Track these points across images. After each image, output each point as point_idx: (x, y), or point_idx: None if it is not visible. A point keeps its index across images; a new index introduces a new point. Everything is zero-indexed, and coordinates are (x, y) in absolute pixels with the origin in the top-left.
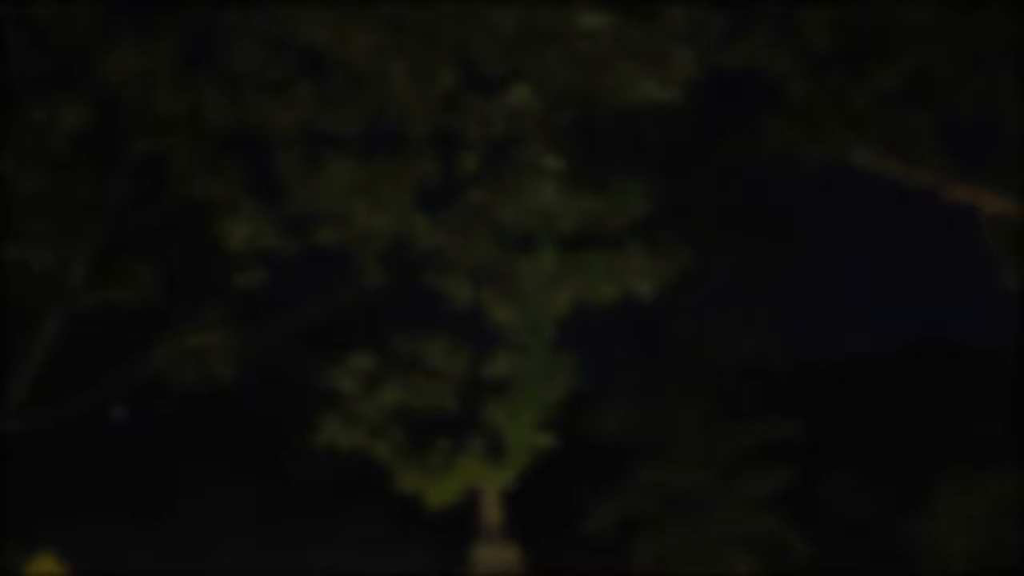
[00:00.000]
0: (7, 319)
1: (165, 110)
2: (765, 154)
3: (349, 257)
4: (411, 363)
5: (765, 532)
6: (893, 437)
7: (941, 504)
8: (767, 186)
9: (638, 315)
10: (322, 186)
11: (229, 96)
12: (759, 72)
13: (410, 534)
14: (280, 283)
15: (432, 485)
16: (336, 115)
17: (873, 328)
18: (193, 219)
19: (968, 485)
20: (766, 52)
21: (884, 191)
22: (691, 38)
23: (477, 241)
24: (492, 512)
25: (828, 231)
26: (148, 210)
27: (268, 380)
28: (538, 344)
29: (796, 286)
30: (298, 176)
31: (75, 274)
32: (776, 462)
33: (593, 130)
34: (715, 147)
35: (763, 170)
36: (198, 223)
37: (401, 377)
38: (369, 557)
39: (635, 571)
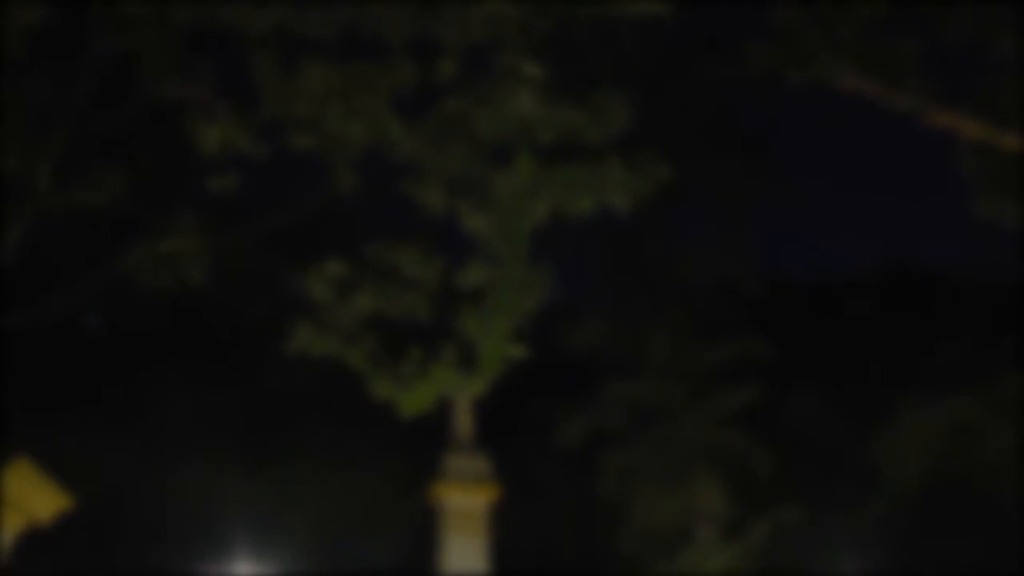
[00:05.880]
0: None
1: (132, 7)
2: (747, 75)
3: (323, 163)
4: (385, 271)
5: (730, 448)
6: (860, 359)
7: (901, 425)
8: (745, 107)
9: (614, 231)
10: (297, 91)
11: None
12: None
13: (383, 443)
14: (253, 188)
15: (405, 394)
16: (312, 18)
17: (846, 251)
18: (164, 122)
19: (928, 407)
20: None
21: (863, 115)
22: None
23: (453, 150)
24: (464, 422)
25: (805, 154)
26: (116, 112)
27: (242, 286)
28: (513, 255)
29: (772, 207)
30: (272, 80)
31: (41, 178)
32: (744, 381)
33: (574, 42)
34: (697, 66)
35: (742, 91)
36: (169, 126)
37: (375, 285)
38: (342, 466)
39: (602, 483)
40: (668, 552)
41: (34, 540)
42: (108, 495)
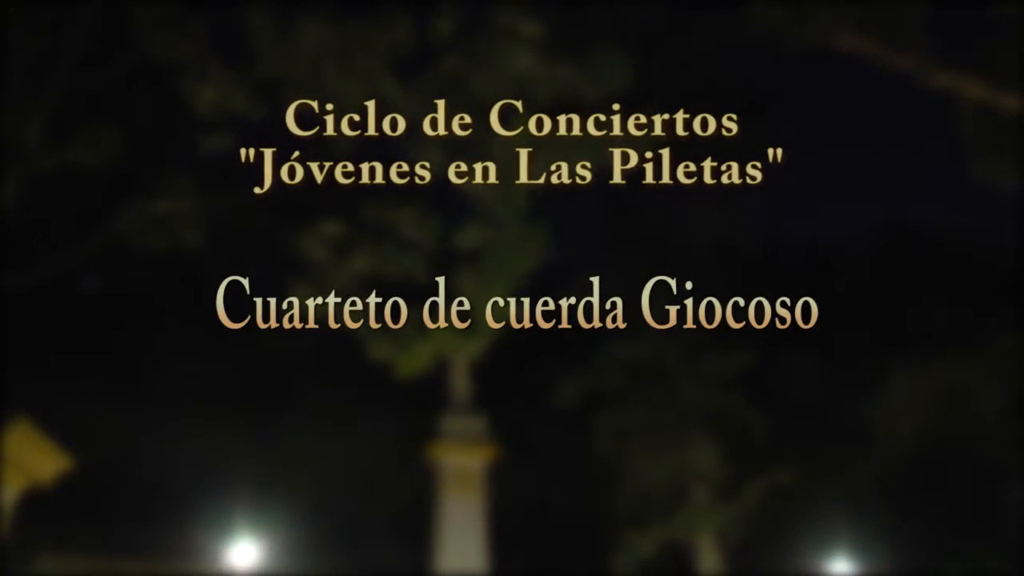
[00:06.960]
0: None
1: None
2: (748, 35)
3: (320, 123)
4: (381, 231)
5: (725, 409)
6: (856, 321)
7: (896, 387)
8: (745, 69)
9: (612, 192)
10: (293, 50)
11: None
12: None
13: (382, 404)
14: (249, 148)
15: (403, 354)
16: None
17: (843, 214)
18: (158, 82)
19: (923, 370)
20: None
21: (862, 77)
22: None
23: (451, 110)
24: (461, 383)
25: (804, 116)
26: (109, 71)
27: (239, 248)
28: (510, 215)
29: (770, 170)
30: (268, 39)
31: (31, 136)
32: (740, 343)
33: (572, 0)
34: (697, 25)
35: (742, 52)
36: (164, 86)
37: (372, 245)
38: (341, 426)
39: (598, 443)
40: (663, 512)
41: (34, 500)
42: (106, 455)
